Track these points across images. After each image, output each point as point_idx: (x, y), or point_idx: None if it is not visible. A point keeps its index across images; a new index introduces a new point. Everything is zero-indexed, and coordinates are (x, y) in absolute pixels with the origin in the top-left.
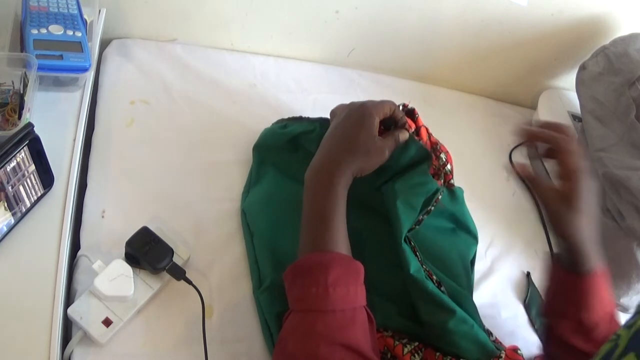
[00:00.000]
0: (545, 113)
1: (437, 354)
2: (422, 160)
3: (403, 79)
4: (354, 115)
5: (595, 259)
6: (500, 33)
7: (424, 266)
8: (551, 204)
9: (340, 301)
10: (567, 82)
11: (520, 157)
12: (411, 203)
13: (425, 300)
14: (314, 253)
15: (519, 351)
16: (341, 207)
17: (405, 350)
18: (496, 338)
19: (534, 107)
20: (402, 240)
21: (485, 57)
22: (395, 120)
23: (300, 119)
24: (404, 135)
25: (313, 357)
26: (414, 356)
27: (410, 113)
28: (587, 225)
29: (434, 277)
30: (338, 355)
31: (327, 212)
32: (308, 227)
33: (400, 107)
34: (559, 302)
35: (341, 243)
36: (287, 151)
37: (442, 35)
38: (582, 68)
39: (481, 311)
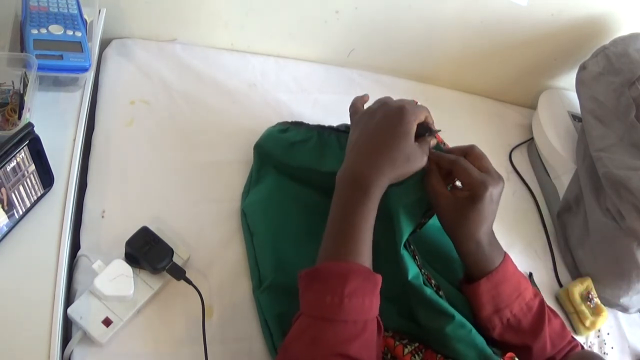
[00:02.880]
0: (545, 113)
1: (438, 355)
2: None
3: (403, 79)
4: (392, 119)
5: (494, 251)
6: (500, 33)
7: (422, 270)
8: (444, 199)
9: (355, 312)
10: (567, 82)
11: (520, 156)
12: (410, 209)
13: (423, 306)
14: (335, 261)
15: (515, 359)
16: (371, 218)
17: (406, 350)
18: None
19: (534, 107)
20: (402, 246)
21: (485, 57)
22: (428, 127)
23: (300, 125)
24: (433, 142)
25: None
26: (414, 357)
27: None
28: (479, 230)
29: (433, 281)
30: None
31: (357, 222)
32: (334, 232)
33: None
34: (483, 316)
35: (365, 254)
36: (284, 157)
37: (442, 35)
38: (582, 68)
39: None
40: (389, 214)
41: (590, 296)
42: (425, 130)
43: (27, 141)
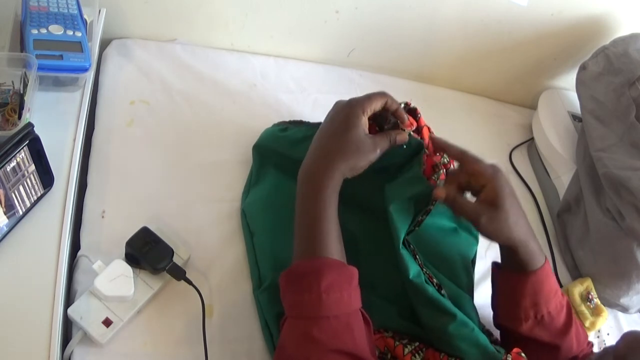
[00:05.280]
0: (545, 113)
1: (442, 354)
2: (416, 154)
3: (403, 79)
4: (339, 115)
5: (539, 252)
6: (500, 33)
7: (424, 269)
8: (480, 215)
9: (334, 307)
10: (567, 82)
11: (520, 156)
12: (404, 207)
13: (426, 305)
14: (306, 259)
15: (522, 354)
16: (331, 211)
17: (406, 350)
18: (496, 338)
19: (534, 107)
20: (401, 245)
21: (485, 57)
22: (392, 113)
23: (300, 123)
24: (402, 137)
25: None
26: (415, 356)
27: (412, 112)
28: (520, 221)
29: (434, 280)
30: None
31: (317, 216)
32: (299, 232)
33: (402, 106)
34: (519, 307)
35: (333, 247)
36: (287, 154)
37: (442, 35)
38: (582, 68)
39: (481, 311)
40: (386, 214)
41: (590, 296)
42: (383, 120)
43: (27, 141)
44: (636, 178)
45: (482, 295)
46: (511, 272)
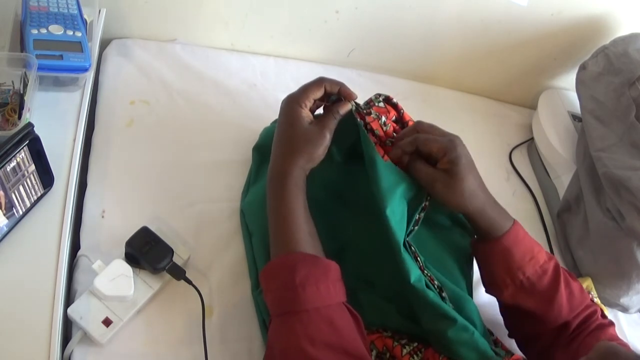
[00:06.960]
0: (545, 113)
1: (441, 356)
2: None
3: (403, 79)
4: (282, 114)
5: (502, 218)
6: (500, 33)
7: (425, 271)
8: (435, 180)
9: (312, 300)
10: (567, 82)
11: (520, 156)
12: (399, 209)
13: (426, 309)
14: (279, 256)
15: None
16: (297, 205)
17: (404, 351)
18: (497, 338)
19: (534, 107)
20: (402, 248)
21: (485, 57)
22: (337, 94)
23: None
24: (343, 108)
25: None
26: (413, 357)
27: (395, 106)
28: (476, 191)
29: (436, 283)
30: (322, 355)
31: (284, 213)
32: (271, 233)
33: (381, 98)
34: (495, 275)
35: (304, 242)
36: None
37: (442, 35)
38: (582, 68)
39: (481, 310)
40: (383, 218)
41: (590, 296)
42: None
43: (27, 141)
44: (636, 178)
45: (483, 295)
46: (480, 241)
